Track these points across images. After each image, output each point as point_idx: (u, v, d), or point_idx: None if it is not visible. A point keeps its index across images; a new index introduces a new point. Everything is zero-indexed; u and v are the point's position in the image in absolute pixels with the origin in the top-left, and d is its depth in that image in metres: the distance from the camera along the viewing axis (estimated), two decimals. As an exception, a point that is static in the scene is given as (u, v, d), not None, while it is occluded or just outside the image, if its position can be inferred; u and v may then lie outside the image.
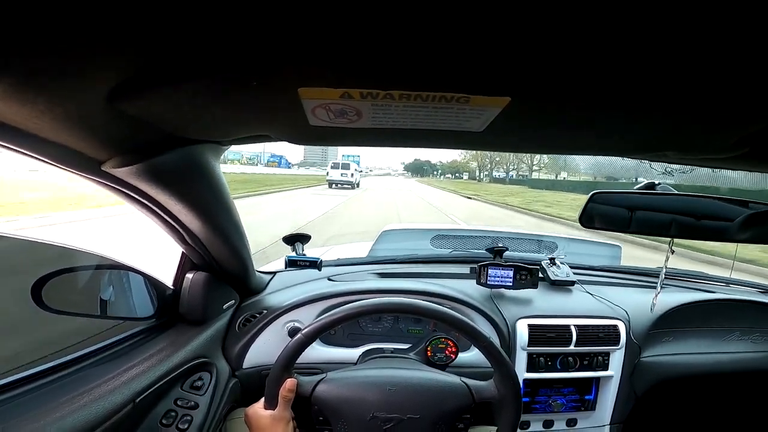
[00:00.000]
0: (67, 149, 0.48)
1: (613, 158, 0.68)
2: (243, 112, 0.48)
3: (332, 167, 24.18)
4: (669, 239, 0.93)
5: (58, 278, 0.73)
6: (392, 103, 0.41)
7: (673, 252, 0.90)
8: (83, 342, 0.77)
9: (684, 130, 0.50)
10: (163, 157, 0.56)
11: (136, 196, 0.64)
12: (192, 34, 0.30)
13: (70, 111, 0.40)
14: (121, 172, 0.55)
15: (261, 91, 0.40)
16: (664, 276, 1.06)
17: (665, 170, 0.87)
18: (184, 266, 0.94)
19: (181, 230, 0.79)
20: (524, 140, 0.59)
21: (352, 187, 22.51)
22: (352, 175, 23.47)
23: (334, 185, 22.58)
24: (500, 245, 1.32)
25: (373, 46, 0.31)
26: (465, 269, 1.35)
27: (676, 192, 0.88)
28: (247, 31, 0.30)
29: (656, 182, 0.89)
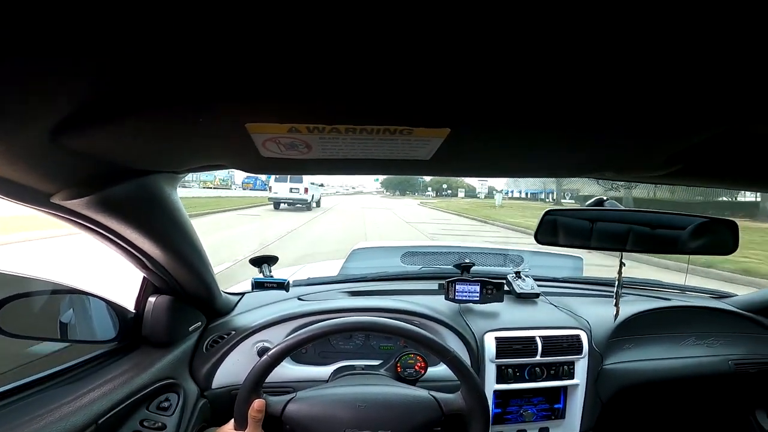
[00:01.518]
0: (12, 183, 0.47)
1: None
2: (193, 145, 0.48)
3: (277, 180, 15.60)
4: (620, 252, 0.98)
5: (14, 302, 0.71)
6: (339, 136, 0.42)
7: (624, 264, 0.95)
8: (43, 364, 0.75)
9: (619, 149, 0.54)
10: (116, 189, 0.55)
11: (91, 225, 0.64)
12: (135, 70, 0.30)
13: (13, 148, 0.39)
14: (72, 204, 0.54)
15: (210, 125, 0.40)
16: (620, 286, 1.10)
17: (612, 186, 0.92)
18: (146, 290, 0.93)
19: (140, 256, 0.78)
20: (471, 166, 0.61)
21: (308, 208, 15.88)
22: (306, 190, 15.76)
23: (280, 204, 15.55)
24: (467, 261, 1.36)
25: (317, 83, 0.32)
26: (434, 285, 1.38)
27: (624, 207, 0.93)
28: (192, 66, 0.30)
29: (604, 198, 0.94)
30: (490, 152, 0.53)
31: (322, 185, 20.13)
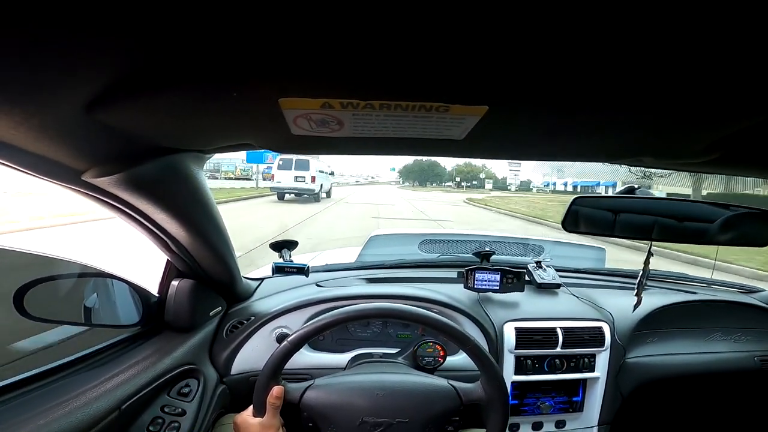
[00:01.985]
0: (45, 159, 0.47)
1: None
2: (224, 122, 0.48)
3: (280, 167, 14.20)
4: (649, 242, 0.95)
5: (41, 286, 0.72)
6: (373, 113, 0.41)
7: (652, 255, 0.92)
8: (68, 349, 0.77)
9: (658, 135, 0.52)
10: (145, 167, 0.56)
11: (119, 205, 0.64)
12: (171, 44, 0.30)
13: (47, 122, 0.40)
14: (102, 182, 0.54)
15: (242, 102, 0.40)
16: (646, 278, 1.07)
17: (644, 174, 0.89)
18: (169, 274, 0.93)
19: (165, 238, 0.78)
20: (504, 147, 0.60)
21: (316, 199, 14.44)
22: (313, 179, 14.14)
23: (285, 194, 14.32)
24: (487, 249, 1.34)
25: (353, 56, 0.31)
26: (453, 273, 1.36)
27: (656, 196, 0.90)
28: (227, 42, 0.30)
29: (635, 186, 0.91)
30: (526, 133, 0.51)
31: (332, 173, 18.25)
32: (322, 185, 15.35)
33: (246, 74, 0.34)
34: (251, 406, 0.80)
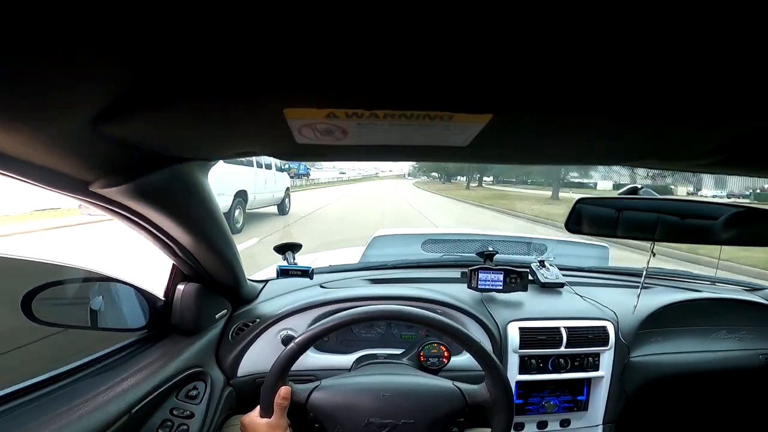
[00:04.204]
0: (53, 172, 0.48)
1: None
2: (229, 133, 0.49)
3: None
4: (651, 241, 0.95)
5: (48, 291, 0.73)
6: (377, 122, 0.41)
7: (654, 254, 0.92)
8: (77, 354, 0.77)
9: (664, 138, 0.52)
10: (151, 177, 0.57)
11: (125, 213, 0.65)
12: (178, 59, 0.31)
13: (55, 136, 0.40)
14: (109, 192, 0.55)
15: (247, 113, 0.40)
16: (646, 276, 1.07)
17: (647, 175, 0.89)
18: (175, 278, 0.94)
19: (171, 244, 0.79)
20: (508, 153, 0.60)
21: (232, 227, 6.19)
22: (265, 183, 7.85)
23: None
24: (490, 249, 1.34)
25: (358, 68, 0.31)
26: (456, 273, 1.36)
27: (659, 196, 0.90)
28: (233, 55, 0.30)
29: (639, 186, 0.91)
30: (530, 139, 0.51)
31: (286, 169, 9.46)
32: (273, 190, 8.50)
33: (252, 86, 0.34)
34: (258, 407, 0.81)
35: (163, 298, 0.93)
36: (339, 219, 9.25)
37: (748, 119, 0.43)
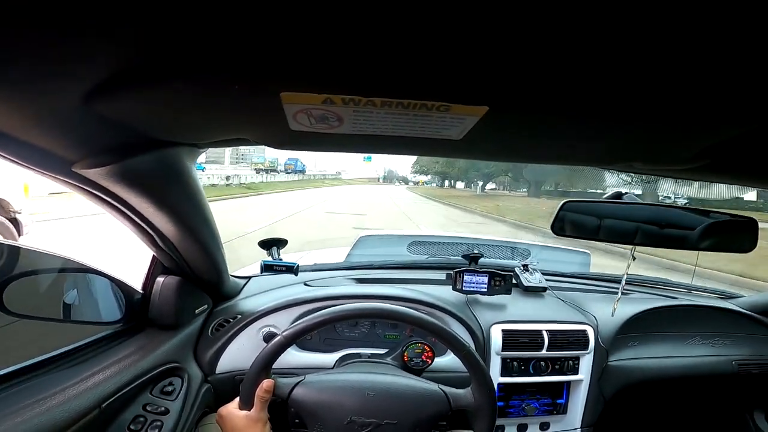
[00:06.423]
0: (36, 148, 0.46)
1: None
2: (222, 116, 0.48)
3: None
4: (631, 247, 0.97)
5: (20, 281, 0.70)
6: (373, 110, 0.41)
7: (634, 259, 0.95)
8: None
9: (649, 141, 0.53)
10: (137, 159, 0.55)
11: (107, 198, 0.63)
12: (174, 36, 0.30)
13: (43, 111, 0.39)
14: (93, 174, 0.54)
15: (242, 95, 0.39)
16: (625, 283, 1.10)
17: (631, 180, 0.91)
18: (155, 270, 0.91)
19: (152, 233, 0.77)
20: (499, 149, 0.61)
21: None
22: None
23: None
24: (476, 252, 1.34)
25: (358, 53, 0.31)
26: (441, 275, 1.37)
27: (642, 201, 0.92)
28: (230, 34, 0.29)
29: (623, 191, 0.93)
30: (521, 136, 0.52)
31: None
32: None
33: (249, 67, 0.34)
34: (237, 399, 0.79)
35: (141, 291, 0.90)
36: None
37: (730, 126, 0.44)
